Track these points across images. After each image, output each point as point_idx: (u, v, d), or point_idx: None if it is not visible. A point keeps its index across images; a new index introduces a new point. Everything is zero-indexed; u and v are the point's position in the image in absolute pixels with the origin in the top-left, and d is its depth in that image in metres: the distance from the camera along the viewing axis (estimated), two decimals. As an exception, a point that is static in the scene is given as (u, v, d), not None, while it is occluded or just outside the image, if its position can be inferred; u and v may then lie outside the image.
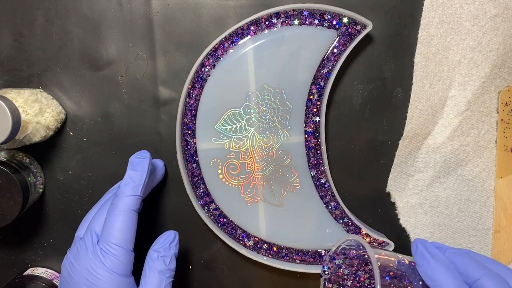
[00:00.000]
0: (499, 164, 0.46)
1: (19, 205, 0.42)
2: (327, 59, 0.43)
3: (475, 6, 0.43)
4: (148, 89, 0.46)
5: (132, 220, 0.38)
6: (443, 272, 0.34)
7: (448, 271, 0.34)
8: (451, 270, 0.34)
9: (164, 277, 0.38)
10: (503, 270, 0.34)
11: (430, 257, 0.35)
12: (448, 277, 0.33)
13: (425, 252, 0.35)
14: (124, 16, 0.45)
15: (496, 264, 0.35)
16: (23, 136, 0.41)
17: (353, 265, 0.39)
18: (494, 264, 0.35)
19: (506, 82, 0.45)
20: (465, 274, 0.33)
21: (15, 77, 0.46)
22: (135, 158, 0.41)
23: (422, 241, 0.36)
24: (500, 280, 0.33)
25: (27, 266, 0.49)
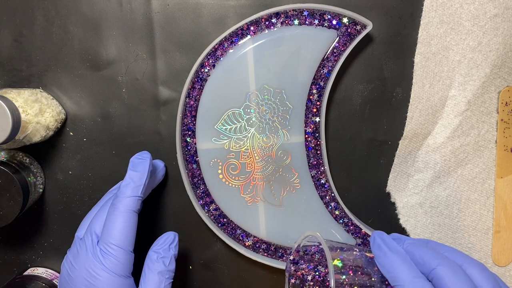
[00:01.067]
0: (499, 164, 0.46)
1: (19, 205, 0.42)
2: (327, 59, 0.43)
3: (475, 6, 0.43)
4: (148, 89, 0.46)
5: (132, 221, 0.38)
6: (399, 263, 0.34)
7: (404, 262, 0.34)
8: (407, 261, 0.34)
9: (164, 278, 0.38)
10: (461, 257, 0.34)
11: (386, 249, 0.35)
12: (404, 268, 0.33)
13: (382, 244, 0.35)
14: (124, 16, 0.45)
15: (454, 252, 0.35)
16: (23, 136, 0.41)
17: (313, 261, 0.39)
18: (452, 252, 0.35)
19: (506, 82, 0.45)
20: (422, 264, 0.33)
21: (15, 77, 0.46)
22: (135, 159, 0.41)
23: (380, 233, 0.36)
24: (456, 268, 0.33)
25: (27, 266, 0.49)
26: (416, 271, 0.33)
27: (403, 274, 0.33)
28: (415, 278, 0.33)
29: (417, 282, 0.32)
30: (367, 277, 0.35)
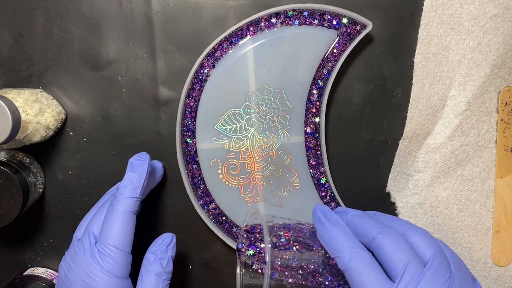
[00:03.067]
0: (499, 164, 0.46)
1: (19, 205, 0.42)
2: (327, 59, 0.43)
3: (475, 6, 0.43)
4: (148, 89, 0.46)
5: (131, 222, 0.38)
6: (338, 235, 0.33)
7: (343, 234, 0.34)
8: (347, 233, 0.34)
9: (161, 280, 0.38)
10: (405, 226, 0.34)
11: (326, 221, 0.35)
12: (343, 240, 0.33)
13: (321, 217, 0.35)
14: (124, 16, 0.45)
15: (398, 222, 0.35)
16: (23, 136, 0.41)
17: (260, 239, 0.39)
18: (396, 221, 0.35)
19: (506, 82, 0.45)
20: (364, 235, 0.33)
21: (15, 77, 0.46)
22: (134, 160, 0.41)
23: (321, 207, 0.36)
24: (396, 236, 0.32)
25: (27, 266, 0.49)
26: (355, 242, 0.33)
27: (341, 245, 0.33)
28: (354, 249, 0.32)
29: (355, 252, 0.32)
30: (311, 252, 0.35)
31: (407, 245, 0.32)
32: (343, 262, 0.32)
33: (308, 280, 0.34)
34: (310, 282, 0.34)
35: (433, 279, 0.31)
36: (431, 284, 0.30)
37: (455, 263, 0.33)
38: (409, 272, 0.31)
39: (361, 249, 0.33)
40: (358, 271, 0.32)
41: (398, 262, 0.31)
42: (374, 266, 0.32)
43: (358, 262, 0.32)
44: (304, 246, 0.35)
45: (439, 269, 0.31)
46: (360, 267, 0.32)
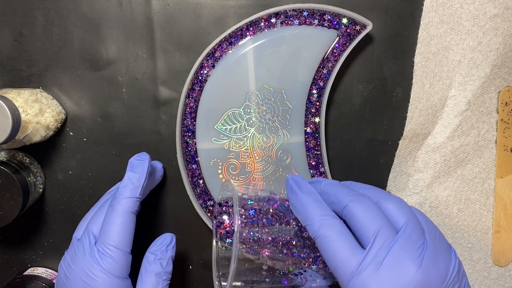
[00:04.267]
0: (499, 164, 0.46)
1: (19, 205, 0.42)
2: (327, 59, 0.43)
3: (475, 6, 0.43)
4: (148, 89, 0.46)
5: (131, 222, 0.38)
6: (309, 203, 0.33)
7: (315, 202, 0.33)
8: (318, 201, 0.33)
9: (161, 280, 0.38)
10: (379, 194, 0.33)
11: (298, 190, 0.34)
12: (314, 208, 0.33)
13: (294, 185, 0.35)
14: (124, 16, 0.45)
15: (372, 190, 0.34)
16: (23, 136, 0.41)
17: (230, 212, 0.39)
18: (370, 190, 0.34)
19: (506, 82, 0.45)
20: (336, 203, 0.33)
21: (15, 77, 0.46)
22: (134, 160, 0.41)
23: (295, 176, 0.36)
24: (368, 204, 0.32)
25: (27, 266, 0.49)
26: (327, 210, 0.33)
27: (312, 213, 0.32)
28: (325, 216, 0.32)
29: (326, 220, 0.32)
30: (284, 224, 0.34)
31: (379, 212, 0.31)
32: (314, 229, 0.32)
33: (284, 253, 0.34)
34: (285, 255, 0.34)
35: (405, 246, 0.30)
36: (403, 251, 0.30)
37: (429, 231, 0.32)
38: (380, 239, 0.30)
39: (332, 216, 0.32)
40: (328, 238, 0.31)
41: (369, 229, 0.31)
42: (344, 233, 0.31)
43: (328, 230, 0.31)
44: (276, 218, 0.34)
45: (412, 236, 0.31)
46: (330, 235, 0.31)
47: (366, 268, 0.30)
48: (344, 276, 0.30)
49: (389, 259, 0.30)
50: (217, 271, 0.38)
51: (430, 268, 0.30)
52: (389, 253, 0.30)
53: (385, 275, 0.29)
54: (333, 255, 0.31)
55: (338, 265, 0.30)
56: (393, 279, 0.29)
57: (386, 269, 0.29)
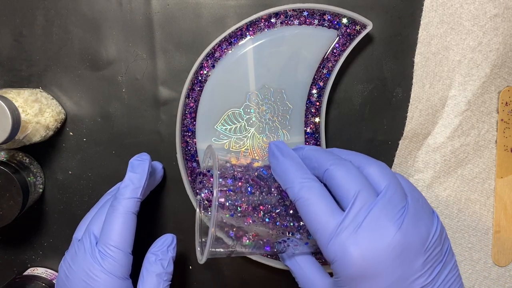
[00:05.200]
0: (499, 164, 0.46)
1: (19, 205, 0.42)
2: (327, 59, 0.43)
3: (475, 6, 0.43)
4: (148, 89, 0.46)
5: (131, 223, 0.38)
6: (290, 166, 0.33)
7: (296, 165, 0.33)
8: (299, 165, 0.33)
9: (162, 280, 0.38)
10: (361, 159, 0.33)
11: (279, 155, 0.34)
12: (295, 171, 0.32)
13: (275, 150, 0.34)
14: (124, 16, 0.45)
15: (355, 155, 0.34)
16: (23, 136, 0.41)
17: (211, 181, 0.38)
18: (353, 155, 0.34)
19: (506, 82, 0.45)
20: (318, 168, 0.32)
21: (15, 77, 0.46)
22: (135, 160, 0.41)
23: (277, 142, 0.35)
24: (349, 168, 0.31)
25: (27, 266, 0.49)
26: (307, 173, 0.32)
27: (293, 176, 0.32)
28: (305, 179, 0.32)
29: (306, 182, 0.31)
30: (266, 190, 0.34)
31: (359, 175, 0.31)
32: (293, 192, 0.31)
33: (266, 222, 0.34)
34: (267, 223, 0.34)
35: (385, 208, 0.30)
36: (383, 213, 0.29)
37: (412, 195, 0.31)
38: (360, 201, 0.30)
39: (312, 179, 0.32)
40: (308, 200, 0.31)
41: (349, 191, 0.30)
42: (324, 196, 0.31)
43: (308, 192, 0.31)
44: (258, 186, 0.34)
45: (392, 199, 0.30)
46: (310, 197, 0.31)
47: (345, 229, 0.29)
48: (323, 238, 0.30)
49: (369, 220, 0.29)
50: (200, 238, 0.38)
51: (410, 230, 0.29)
52: (369, 215, 0.29)
53: (364, 236, 0.29)
54: (312, 217, 0.30)
55: (317, 227, 0.30)
56: (372, 240, 0.29)
57: (365, 230, 0.29)
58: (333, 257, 0.30)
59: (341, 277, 0.30)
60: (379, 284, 0.29)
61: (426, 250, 0.30)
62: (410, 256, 0.29)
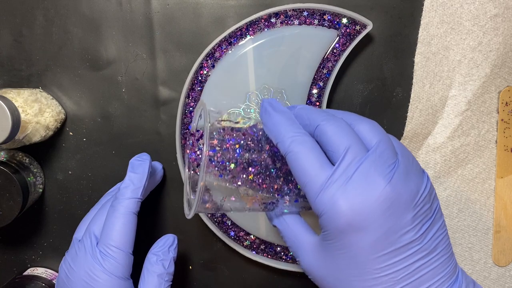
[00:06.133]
0: (499, 164, 0.46)
1: (19, 205, 0.42)
2: (327, 59, 0.43)
3: (475, 6, 0.43)
4: (148, 89, 0.46)
5: (132, 223, 0.38)
6: (282, 121, 0.32)
7: (288, 120, 0.32)
8: (291, 120, 0.33)
9: (163, 281, 0.38)
10: (353, 117, 0.33)
11: (271, 110, 0.34)
12: (286, 126, 0.32)
13: (268, 107, 0.34)
14: (124, 16, 0.45)
15: (348, 114, 0.34)
16: (22, 136, 0.41)
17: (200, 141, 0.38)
18: (345, 114, 0.34)
19: (506, 82, 0.45)
20: (309, 125, 0.32)
21: (15, 77, 0.46)
22: (135, 161, 0.41)
23: (270, 99, 0.35)
24: (340, 123, 0.31)
25: (27, 266, 0.49)
26: (299, 128, 0.32)
27: (284, 130, 0.32)
28: (296, 133, 0.31)
29: (298, 136, 0.31)
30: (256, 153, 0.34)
31: (351, 131, 0.31)
32: (284, 146, 0.31)
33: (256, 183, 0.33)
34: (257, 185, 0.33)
35: (375, 163, 0.30)
36: (373, 167, 0.29)
37: (402, 153, 0.31)
38: (350, 155, 0.30)
39: (303, 134, 0.32)
40: (298, 154, 0.30)
41: (339, 146, 0.30)
42: (315, 150, 0.31)
43: (298, 145, 0.31)
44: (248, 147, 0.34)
45: (383, 155, 0.30)
46: (300, 150, 0.30)
47: (335, 182, 0.29)
48: (313, 191, 0.30)
49: (359, 174, 0.29)
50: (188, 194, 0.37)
51: (400, 185, 0.29)
52: (359, 169, 0.29)
53: (353, 189, 0.29)
54: (302, 170, 0.30)
55: (307, 180, 0.30)
56: (362, 194, 0.29)
57: (355, 183, 0.29)
58: (322, 210, 0.30)
59: (329, 230, 0.30)
60: (367, 236, 0.29)
61: (415, 206, 0.30)
62: (400, 210, 0.29)
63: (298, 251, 0.34)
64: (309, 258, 0.33)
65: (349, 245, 0.30)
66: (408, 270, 0.30)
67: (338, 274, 0.31)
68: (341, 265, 0.30)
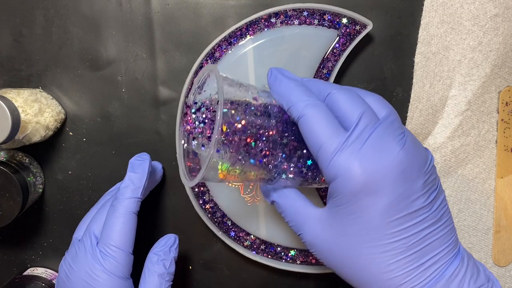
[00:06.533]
0: (499, 164, 0.46)
1: (19, 205, 0.42)
2: (327, 59, 0.43)
3: (475, 5, 0.43)
4: (148, 89, 0.46)
5: (132, 223, 0.38)
6: (294, 87, 0.32)
7: (299, 86, 0.32)
8: (303, 86, 0.33)
9: (164, 281, 0.39)
10: (360, 90, 0.34)
11: (282, 77, 0.33)
12: (298, 91, 0.32)
13: (278, 74, 0.34)
14: (124, 16, 0.45)
15: (354, 88, 0.34)
16: (22, 136, 0.41)
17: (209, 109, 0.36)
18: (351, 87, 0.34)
19: (506, 82, 0.45)
20: (318, 94, 0.33)
21: (15, 77, 0.46)
22: (135, 160, 0.41)
23: (278, 68, 0.35)
24: (351, 92, 0.32)
25: (27, 266, 0.49)
26: (312, 95, 0.32)
27: (297, 94, 0.32)
28: (310, 98, 0.31)
29: (311, 100, 0.31)
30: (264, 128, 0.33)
31: (362, 100, 0.32)
32: (298, 109, 0.31)
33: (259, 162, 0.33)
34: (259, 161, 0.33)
35: (388, 130, 0.30)
36: (386, 134, 0.30)
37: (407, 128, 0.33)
38: (364, 121, 0.30)
39: (316, 99, 0.32)
40: (313, 117, 0.30)
41: (353, 112, 0.31)
42: (329, 114, 0.31)
43: (313, 109, 0.31)
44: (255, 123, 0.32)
45: (394, 124, 0.31)
46: (315, 114, 0.30)
47: (350, 145, 0.30)
48: (327, 154, 0.30)
49: (373, 138, 0.30)
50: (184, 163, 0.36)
51: (412, 151, 0.30)
52: (373, 134, 0.30)
53: (368, 152, 0.29)
54: (316, 133, 0.30)
55: (321, 142, 0.30)
56: (377, 157, 0.29)
57: (369, 147, 0.29)
58: (336, 173, 0.30)
59: (342, 194, 0.30)
60: (382, 199, 0.29)
61: (425, 173, 0.30)
62: (412, 175, 0.30)
63: (301, 224, 0.34)
64: (314, 230, 0.33)
65: (362, 209, 0.30)
66: (418, 236, 0.30)
67: (347, 242, 0.31)
68: (351, 232, 0.30)
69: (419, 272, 0.30)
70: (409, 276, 0.30)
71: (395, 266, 0.30)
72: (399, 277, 0.30)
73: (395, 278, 0.30)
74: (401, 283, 0.30)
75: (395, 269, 0.30)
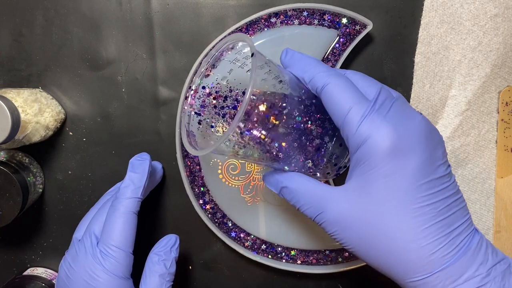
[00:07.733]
0: (500, 164, 0.46)
1: (19, 205, 0.42)
2: (327, 59, 0.43)
3: (475, 5, 0.43)
4: (148, 89, 0.46)
5: (132, 222, 0.38)
6: (314, 61, 0.34)
7: (318, 62, 0.34)
8: (321, 62, 0.34)
9: (164, 281, 0.39)
10: None
11: (301, 54, 0.35)
12: (319, 65, 0.33)
13: (295, 52, 0.35)
14: (124, 16, 0.45)
15: None
16: (22, 136, 0.41)
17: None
18: None
19: (506, 82, 0.45)
20: None
21: (15, 77, 0.46)
22: (135, 160, 0.41)
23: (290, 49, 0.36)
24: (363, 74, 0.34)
25: (27, 266, 0.49)
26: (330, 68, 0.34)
27: (318, 68, 0.33)
28: (331, 69, 0.33)
29: (333, 71, 0.33)
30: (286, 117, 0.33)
31: (376, 80, 0.34)
32: (321, 78, 0.32)
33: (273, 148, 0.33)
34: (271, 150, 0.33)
35: (404, 104, 0.33)
36: (403, 106, 0.32)
37: None
38: (383, 94, 0.32)
39: (337, 70, 0.33)
40: (337, 85, 0.31)
41: (371, 88, 0.32)
42: (352, 84, 0.32)
43: (337, 77, 0.32)
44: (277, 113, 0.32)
45: (406, 101, 0.33)
46: (340, 82, 0.32)
47: (377, 110, 0.31)
48: (355, 118, 0.31)
49: (396, 107, 0.31)
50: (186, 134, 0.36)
51: (429, 121, 0.32)
52: (395, 103, 0.31)
53: (395, 117, 0.31)
54: (344, 99, 0.31)
55: (349, 107, 0.31)
56: (403, 121, 0.31)
57: (395, 113, 0.31)
58: (366, 136, 0.30)
59: (373, 157, 0.30)
60: (411, 161, 0.30)
61: (442, 144, 0.32)
62: (434, 142, 0.31)
63: (321, 204, 0.33)
64: (339, 205, 0.32)
65: (393, 171, 0.30)
66: (444, 203, 0.30)
67: (377, 210, 0.30)
68: (382, 198, 0.30)
69: (449, 240, 0.30)
70: (441, 244, 0.30)
71: (428, 232, 0.30)
72: (432, 244, 0.30)
73: (427, 246, 0.30)
74: (433, 251, 0.30)
75: (427, 235, 0.30)
